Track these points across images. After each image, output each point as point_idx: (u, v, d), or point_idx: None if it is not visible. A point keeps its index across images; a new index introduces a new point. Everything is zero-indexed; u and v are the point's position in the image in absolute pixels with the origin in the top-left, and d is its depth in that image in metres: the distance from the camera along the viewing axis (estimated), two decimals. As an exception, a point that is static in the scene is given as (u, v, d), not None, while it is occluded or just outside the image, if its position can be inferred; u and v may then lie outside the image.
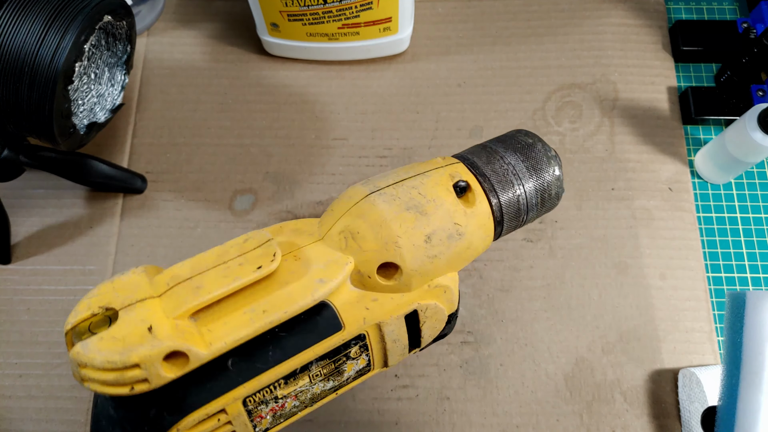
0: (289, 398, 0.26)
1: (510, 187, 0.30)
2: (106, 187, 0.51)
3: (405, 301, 0.27)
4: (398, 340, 0.27)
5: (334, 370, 0.27)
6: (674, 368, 0.46)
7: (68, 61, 0.41)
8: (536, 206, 0.31)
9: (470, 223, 0.28)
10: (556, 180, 0.31)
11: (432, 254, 0.27)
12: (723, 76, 0.54)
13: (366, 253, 0.26)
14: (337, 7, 0.50)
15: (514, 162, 0.30)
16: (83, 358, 0.22)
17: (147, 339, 0.22)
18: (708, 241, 0.51)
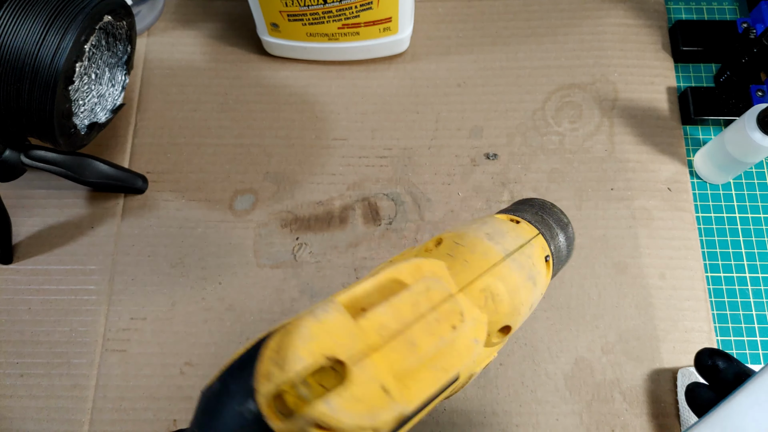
0: None
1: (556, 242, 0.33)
2: (106, 187, 0.51)
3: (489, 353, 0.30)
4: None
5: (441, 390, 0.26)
6: (673, 368, 0.47)
7: (69, 62, 0.41)
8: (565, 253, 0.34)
9: (539, 270, 0.31)
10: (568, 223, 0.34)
11: (526, 317, 0.30)
12: (722, 76, 0.55)
13: (499, 315, 0.28)
14: (337, 7, 0.50)
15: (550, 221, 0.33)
16: (330, 419, 0.20)
17: (386, 402, 0.21)
18: (707, 241, 0.51)
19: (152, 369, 0.47)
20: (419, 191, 0.52)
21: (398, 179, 0.53)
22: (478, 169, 0.53)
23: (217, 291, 0.49)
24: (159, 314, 0.49)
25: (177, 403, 0.46)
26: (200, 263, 0.50)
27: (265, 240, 0.51)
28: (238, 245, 0.51)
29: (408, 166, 0.53)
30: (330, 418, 0.20)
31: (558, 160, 0.53)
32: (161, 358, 0.47)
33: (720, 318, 0.49)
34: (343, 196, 0.52)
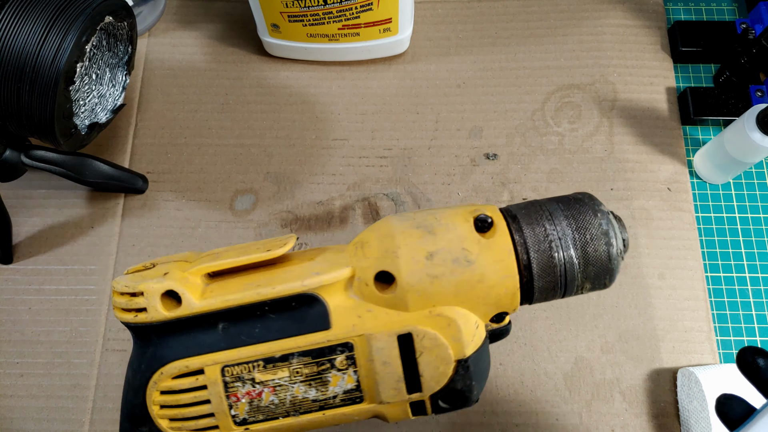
0: (267, 388, 0.26)
1: (541, 230, 0.27)
2: (107, 187, 0.51)
3: (400, 319, 0.26)
4: (389, 363, 0.26)
5: (317, 375, 0.26)
6: (673, 367, 0.47)
7: (69, 62, 0.41)
8: (578, 266, 0.27)
9: (483, 254, 0.26)
10: (602, 234, 0.27)
11: (432, 273, 0.26)
12: (722, 76, 0.55)
13: (368, 260, 0.27)
14: (338, 8, 0.50)
15: (554, 209, 0.28)
16: (113, 284, 0.27)
17: (158, 277, 0.27)
18: (707, 240, 0.51)
19: (152, 369, 0.47)
20: (419, 191, 0.52)
21: (398, 179, 0.53)
22: (477, 169, 0.53)
23: (218, 291, 0.49)
24: (159, 314, 0.49)
25: (177, 402, 0.46)
26: (200, 263, 0.50)
27: (265, 240, 0.51)
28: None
29: (408, 166, 0.53)
30: (114, 283, 0.27)
31: (557, 161, 0.53)
32: (161, 357, 0.47)
33: (719, 318, 0.49)
34: (344, 196, 0.52)
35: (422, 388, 0.27)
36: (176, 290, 0.26)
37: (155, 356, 0.27)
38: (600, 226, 0.27)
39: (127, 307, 0.27)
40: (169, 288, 0.26)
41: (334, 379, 0.26)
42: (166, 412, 0.27)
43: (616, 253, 0.27)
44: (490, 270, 0.26)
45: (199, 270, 0.27)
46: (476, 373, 0.27)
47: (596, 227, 0.27)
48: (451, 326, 0.26)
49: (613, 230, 0.27)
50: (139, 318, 0.27)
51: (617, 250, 0.27)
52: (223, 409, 0.26)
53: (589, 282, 0.28)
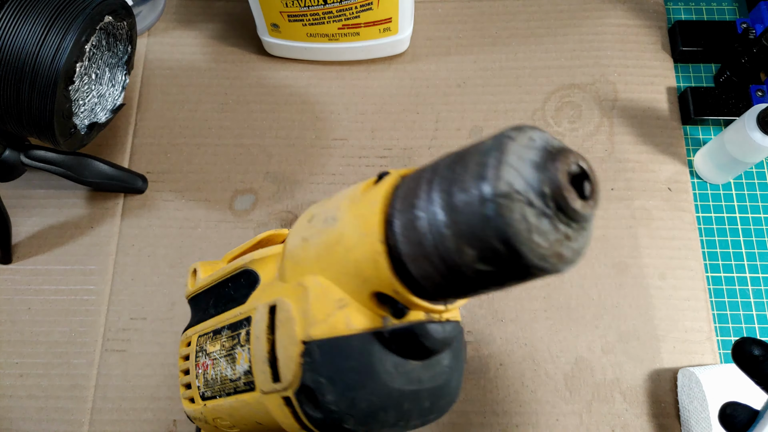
0: (210, 360, 0.26)
1: (421, 178, 0.19)
2: (106, 187, 0.51)
3: (276, 290, 0.23)
4: (259, 338, 0.22)
5: (230, 350, 0.24)
6: (674, 368, 0.47)
7: (69, 62, 0.41)
8: (440, 206, 0.17)
9: (350, 209, 0.20)
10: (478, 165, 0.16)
11: (305, 236, 0.21)
12: (722, 76, 0.55)
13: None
14: (338, 8, 0.50)
15: (453, 152, 0.19)
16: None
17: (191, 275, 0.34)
18: (707, 241, 0.51)
19: (152, 369, 0.47)
20: (419, 191, 0.52)
21: (398, 179, 0.53)
22: (478, 169, 0.53)
23: (217, 291, 0.49)
24: (159, 314, 0.49)
25: (177, 403, 0.46)
26: (200, 263, 0.50)
27: (265, 240, 0.51)
28: (238, 245, 0.51)
29: (408, 166, 0.53)
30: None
31: (558, 161, 0.53)
32: (161, 358, 0.47)
33: (720, 318, 0.49)
34: (343, 196, 0.52)
35: (280, 375, 0.21)
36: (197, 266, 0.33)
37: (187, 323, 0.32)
38: (482, 154, 0.16)
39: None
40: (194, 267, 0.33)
41: (239, 357, 0.24)
42: (181, 379, 0.30)
43: (502, 190, 0.16)
44: (350, 227, 0.20)
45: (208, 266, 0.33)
46: (325, 368, 0.20)
47: (474, 156, 0.17)
48: (303, 296, 0.21)
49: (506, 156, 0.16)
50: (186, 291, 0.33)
51: (506, 186, 0.16)
52: (194, 379, 0.28)
53: (472, 248, 0.16)
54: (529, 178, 0.15)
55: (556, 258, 0.16)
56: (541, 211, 0.15)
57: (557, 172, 0.15)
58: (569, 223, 0.16)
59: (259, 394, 0.23)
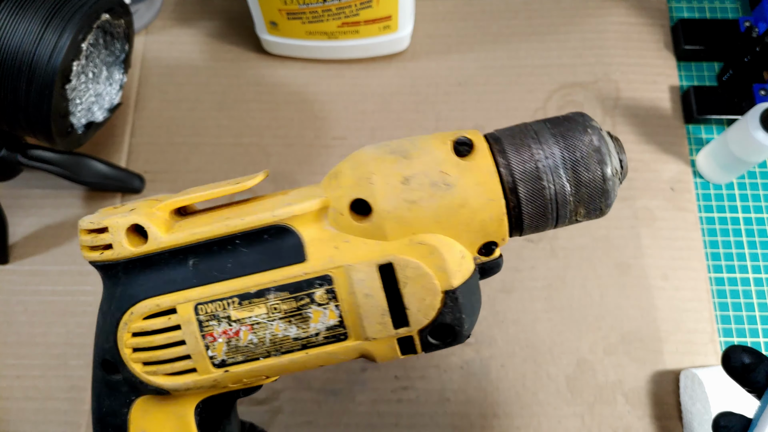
0: (245, 326, 0.25)
1: (526, 149, 0.25)
2: (104, 186, 0.50)
3: (379, 249, 0.25)
4: (371, 295, 0.24)
5: (297, 311, 0.25)
6: (676, 369, 0.46)
7: (66, 60, 0.41)
8: (569, 189, 0.25)
9: (463, 176, 0.25)
10: (594, 152, 0.25)
11: (410, 198, 0.24)
12: (725, 75, 0.54)
13: (342, 188, 0.25)
14: (337, 5, 0.49)
15: (540, 128, 0.26)
16: (80, 222, 0.26)
17: (124, 212, 0.26)
18: (710, 241, 0.50)
19: (150, 370, 0.47)
20: (420, 191, 0.52)
21: (398, 179, 0.52)
22: (479, 168, 0.53)
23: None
24: (157, 315, 0.48)
25: (175, 405, 0.46)
26: (199, 264, 0.50)
27: (264, 240, 0.51)
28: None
29: (408, 165, 0.53)
30: (80, 222, 0.26)
31: (559, 160, 0.53)
32: (159, 359, 0.47)
33: (723, 319, 0.48)
34: (343, 195, 0.52)
35: (409, 322, 0.25)
36: (142, 224, 0.25)
37: (124, 295, 0.26)
38: (591, 143, 0.25)
39: (93, 244, 0.26)
40: (135, 222, 0.25)
41: (315, 315, 0.25)
42: (140, 356, 0.26)
43: (611, 173, 0.25)
44: (472, 193, 0.25)
45: (167, 205, 0.26)
46: (466, 306, 0.26)
47: (587, 144, 0.25)
48: (433, 255, 0.24)
49: (607, 147, 0.25)
50: (105, 255, 0.25)
51: (612, 170, 0.25)
52: (200, 350, 0.25)
53: (583, 206, 0.26)
54: (618, 161, 0.26)
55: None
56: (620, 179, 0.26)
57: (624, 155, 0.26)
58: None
59: (358, 342, 0.25)
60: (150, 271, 0.26)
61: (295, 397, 0.46)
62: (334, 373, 0.46)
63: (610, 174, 0.25)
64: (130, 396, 0.27)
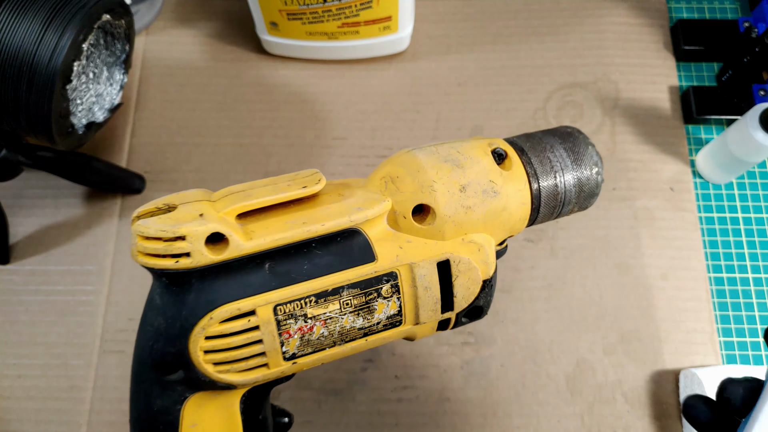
0: (319, 322, 0.27)
1: (547, 161, 0.31)
2: (104, 186, 0.51)
3: (438, 247, 0.28)
4: (430, 288, 0.28)
5: (365, 305, 0.27)
6: (676, 369, 0.46)
7: (67, 61, 0.41)
8: (574, 192, 0.31)
9: (506, 185, 0.29)
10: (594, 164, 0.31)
11: (466, 204, 0.28)
12: (724, 75, 0.54)
13: (403, 194, 0.28)
14: (337, 6, 0.49)
15: (552, 142, 0.31)
16: (141, 228, 0.25)
17: (196, 219, 0.25)
18: (710, 241, 0.51)
19: (150, 370, 0.47)
20: (419, 191, 0.52)
21: (398, 179, 0.53)
22: (478, 168, 0.53)
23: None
24: (157, 315, 0.48)
25: (175, 404, 0.46)
26: (199, 264, 0.50)
27: (264, 240, 0.51)
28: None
29: (408, 165, 0.53)
30: (140, 227, 0.25)
31: (559, 160, 0.53)
32: (160, 359, 0.47)
33: (723, 319, 0.48)
34: (343, 196, 0.52)
35: (454, 307, 0.29)
36: (222, 232, 0.25)
37: (199, 302, 0.26)
38: (592, 157, 0.31)
39: (165, 252, 0.25)
40: (215, 230, 0.25)
41: (380, 307, 0.28)
42: (213, 357, 0.26)
43: (600, 180, 0.32)
44: (512, 200, 0.29)
45: (234, 210, 0.26)
46: (491, 292, 0.31)
47: (589, 157, 0.31)
48: (480, 251, 0.29)
49: (600, 160, 0.32)
50: (182, 263, 0.25)
51: (601, 178, 0.32)
52: (275, 348, 0.26)
53: (579, 205, 0.32)
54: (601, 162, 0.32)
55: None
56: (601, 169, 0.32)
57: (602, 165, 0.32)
58: None
59: (409, 327, 0.29)
60: (227, 276, 0.26)
61: (295, 396, 0.46)
62: (335, 372, 0.47)
63: (600, 181, 0.32)
64: (185, 393, 0.28)
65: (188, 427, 0.28)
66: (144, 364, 0.28)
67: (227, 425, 0.29)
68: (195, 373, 0.27)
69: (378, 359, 0.47)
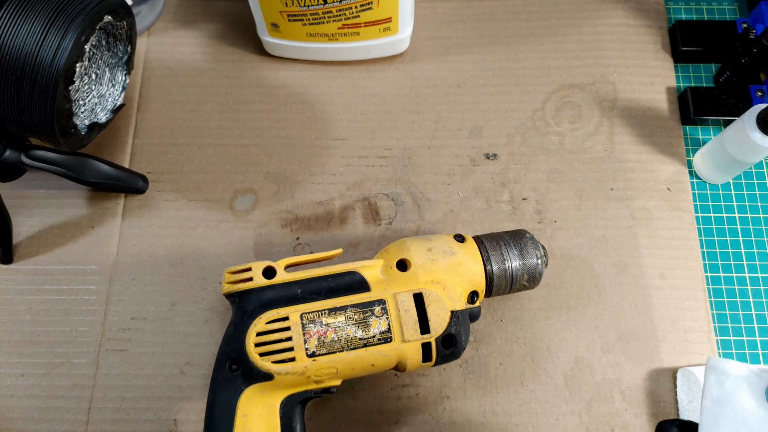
0: (330, 329, 0.38)
1: (497, 246, 0.43)
2: (107, 187, 0.51)
3: (413, 284, 0.40)
4: (408, 310, 0.39)
5: (363, 320, 0.39)
6: (673, 367, 0.47)
7: (69, 62, 0.41)
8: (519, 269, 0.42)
9: (461, 250, 0.42)
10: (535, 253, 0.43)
11: (432, 258, 0.41)
12: (722, 76, 0.55)
13: (389, 254, 0.42)
14: (337, 8, 0.50)
15: (504, 236, 0.44)
16: (226, 271, 0.41)
17: (258, 261, 0.41)
18: (707, 241, 0.51)
19: (153, 369, 0.47)
20: (419, 191, 0.52)
21: (398, 179, 0.53)
22: (478, 169, 0.53)
23: (218, 291, 0.49)
24: (159, 314, 0.49)
25: (177, 403, 0.46)
26: (200, 263, 0.50)
27: (265, 240, 0.51)
28: (239, 245, 0.51)
29: (408, 166, 0.53)
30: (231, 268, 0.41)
31: (558, 161, 0.53)
32: (162, 357, 0.47)
33: (720, 318, 0.49)
34: (344, 196, 0.52)
35: (430, 329, 0.39)
36: (273, 266, 0.40)
37: (255, 309, 0.39)
38: (535, 249, 0.43)
39: (236, 279, 0.40)
40: (268, 265, 0.40)
41: (374, 323, 0.39)
42: (259, 349, 0.37)
43: (542, 265, 0.43)
44: (466, 258, 0.42)
45: (284, 262, 0.41)
46: (463, 325, 0.40)
47: (531, 249, 0.43)
48: (446, 289, 0.40)
49: (542, 251, 0.43)
50: (246, 285, 0.39)
51: (543, 263, 0.43)
52: (300, 343, 0.38)
53: (526, 282, 0.43)
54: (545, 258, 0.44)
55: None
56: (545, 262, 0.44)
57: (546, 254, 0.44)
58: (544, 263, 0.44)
59: (398, 343, 0.39)
60: (273, 294, 0.39)
61: (296, 395, 0.46)
62: (335, 371, 0.47)
63: (542, 266, 0.43)
64: (241, 387, 0.38)
65: (241, 417, 0.37)
66: (219, 364, 0.39)
67: (268, 420, 0.38)
68: (248, 364, 0.37)
69: (378, 358, 0.47)
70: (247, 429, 0.37)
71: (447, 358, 0.40)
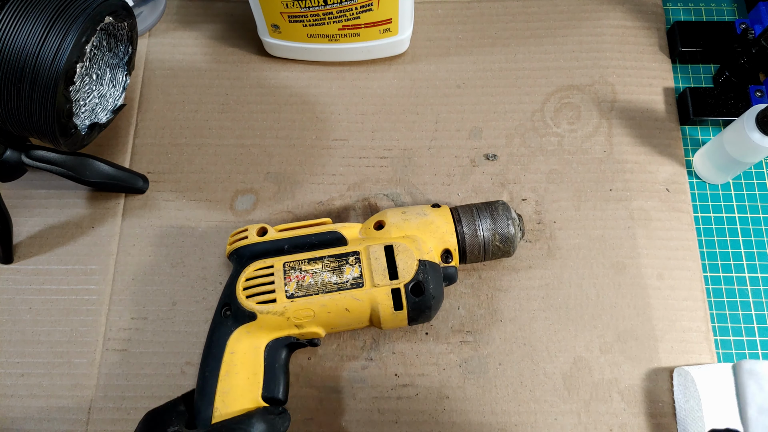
0: (308, 274, 0.42)
1: (469, 213, 0.46)
2: (107, 187, 0.51)
3: (386, 239, 0.44)
4: (378, 258, 0.43)
5: (337, 268, 0.43)
6: (671, 367, 0.47)
7: (69, 62, 0.41)
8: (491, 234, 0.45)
9: (434, 213, 0.46)
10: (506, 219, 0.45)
11: (405, 218, 0.45)
12: (721, 76, 0.55)
13: (370, 220, 0.46)
14: (338, 9, 0.50)
15: (478, 206, 0.46)
16: (231, 233, 0.47)
17: (255, 224, 0.46)
18: (706, 241, 0.51)
19: (153, 368, 0.47)
20: (419, 192, 0.53)
21: (398, 180, 0.53)
22: (477, 169, 0.53)
23: (218, 291, 0.50)
24: (160, 314, 0.49)
25: (177, 402, 0.46)
26: (201, 263, 0.50)
27: (265, 240, 0.51)
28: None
29: (408, 166, 0.53)
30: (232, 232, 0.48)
31: (557, 161, 0.53)
32: (162, 357, 0.48)
33: (718, 318, 0.49)
34: (344, 196, 0.52)
35: (398, 276, 0.42)
36: (266, 227, 0.45)
37: (247, 261, 0.44)
38: (506, 212, 0.46)
39: (235, 239, 0.45)
40: (262, 226, 0.46)
41: (347, 270, 0.43)
42: (247, 292, 0.42)
43: (515, 228, 0.45)
44: (438, 220, 0.45)
45: (278, 227, 0.46)
46: (432, 275, 0.43)
47: (502, 212, 0.45)
48: (415, 241, 0.44)
49: (514, 215, 0.46)
50: (243, 242, 0.45)
51: (516, 227, 0.46)
52: (281, 286, 0.42)
53: (499, 244, 0.45)
54: (519, 226, 0.47)
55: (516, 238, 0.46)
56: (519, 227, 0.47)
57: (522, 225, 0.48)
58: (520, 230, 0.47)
59: (369, 288, 0.42)
60: (262, 247, 0.44)
61: (296, 394, 0.46)
62: (335, 370, 0.47)
63: (513, 232, 0.45)
64: (231, 328, 0.42)
65: (228, 354, 0.41)
66: (217, 309, 0.43)
67: (253, 359, 0.42)
68: (237, 305, 0.42)
69: (378, 357, 0.48)
70: (232, 364, 0.41)
71: (418, 307, 0.42)
